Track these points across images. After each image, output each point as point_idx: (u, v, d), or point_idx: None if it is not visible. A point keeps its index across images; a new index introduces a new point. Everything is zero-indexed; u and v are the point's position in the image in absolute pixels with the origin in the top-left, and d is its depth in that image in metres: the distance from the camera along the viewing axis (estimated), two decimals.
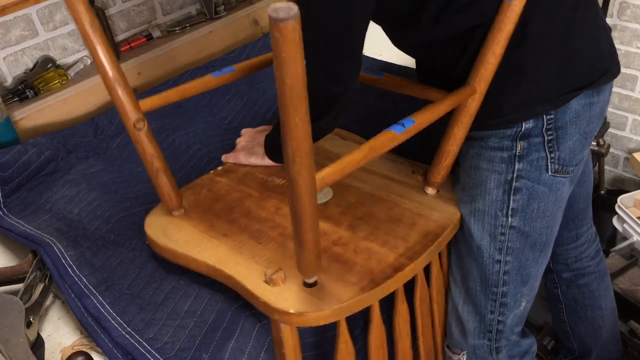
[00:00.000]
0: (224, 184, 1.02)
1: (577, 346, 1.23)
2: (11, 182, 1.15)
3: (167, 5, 1.62)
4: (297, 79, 0.50)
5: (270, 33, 0.48)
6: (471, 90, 0.80)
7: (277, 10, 0.47)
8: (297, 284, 0.78)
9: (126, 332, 0.83)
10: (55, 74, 1.38)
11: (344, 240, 0.86)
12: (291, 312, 0.74)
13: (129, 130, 0.82)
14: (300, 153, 0.57)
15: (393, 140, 0.74)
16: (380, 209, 0.92)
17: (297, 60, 0.49)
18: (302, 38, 0.47)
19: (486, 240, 0.89)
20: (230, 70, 0.96)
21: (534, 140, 0.82)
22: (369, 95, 1.35)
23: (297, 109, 0.52)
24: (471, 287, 0.93)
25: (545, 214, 0.87)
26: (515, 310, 0.93)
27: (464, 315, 0.96)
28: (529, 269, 0.91)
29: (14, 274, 0.97)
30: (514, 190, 0.85)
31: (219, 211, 0.95)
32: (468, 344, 0.97)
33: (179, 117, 1.37)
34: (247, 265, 0.82)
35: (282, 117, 0.52)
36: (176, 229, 0.92)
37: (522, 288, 0.92)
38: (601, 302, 1.18)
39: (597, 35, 0.83)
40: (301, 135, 0.54)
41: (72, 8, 0.72)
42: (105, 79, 0.78)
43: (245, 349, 0.80)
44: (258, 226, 0.90)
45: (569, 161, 0.84)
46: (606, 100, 0.86)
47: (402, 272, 0.80)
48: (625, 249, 1.59)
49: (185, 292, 0.89)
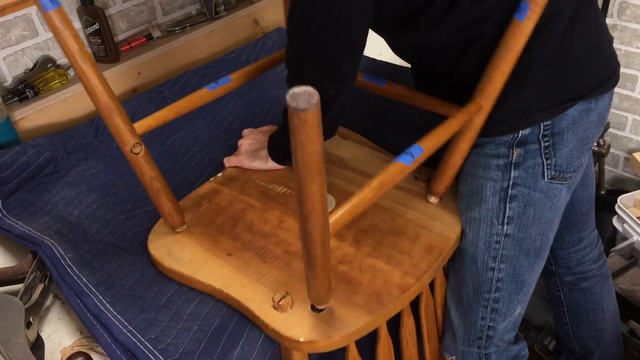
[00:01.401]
0: (225, 193, 1.01)
1: (579, 348, 1.23)
2: (10, 183, 1.15)
3: (167, 5, 1.62)
4: (315, 156, 0.51)
5: (289, 118, 0.49)
6: (477, 108, 0.79)
7: (297, 99, 0.47)
8: (305, 309, 0.78)
9: (127, 330, 0.82)
10: (55, 74, 1.37)
11: (349, 258, 0.86)
12: (301, 341, 0.74)
13: (126, 155, 0.81)
14: (316, 214, 0.58)
15: (402, 172, 0.73)
16: (383, 220, 0.92)
17: (316, 141, 0.50)
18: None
19: (481, 248, 0.88)
20: (227, 82, 0.95)
21: (530, 147, 0.81)
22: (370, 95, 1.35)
23: (315, 180, 0.54)
24: (463, 294, 0.92)
25: (540, 220, 0.86)
26: (510, 317, 0.93)
27: (454, 320, 0.95)
28: (523, 276, 0.90)
29: (14, 274, 0.97)
30: (510, 198, 0.84)
31: (222, 225, 0.94)
32: (457, 349, 0.96)
33: (179, 118, 1.36)
34: (253, 288, 0.82)
35: (298, 184, 0.55)
36: (179, 247, 0.91)
37: (517, 295, 0.91)
38: (603, 305, 1.18)
39: (598, 44, 0.82)
40: (317, 200, 0.56)
41: (59, 36, 0.70)
42: (99, 107, 0.76)
43: (250, 356, 0.80)
44: (262, 242, 0.90)
45: (566, 168, 0.83)
46: (605, 107, 0.85)
47: (408, 292, 0.81)
48: (625, 249, 1.59)
49: (188, 296, 0.88)
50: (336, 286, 0.80)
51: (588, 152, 0.88)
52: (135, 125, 0.82)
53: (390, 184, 0.72)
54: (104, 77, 0.75)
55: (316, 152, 0.51)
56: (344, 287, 0.81)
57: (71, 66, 1.42)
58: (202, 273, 0.86)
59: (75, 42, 0.71)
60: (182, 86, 1.46)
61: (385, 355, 0.86)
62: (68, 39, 0.70)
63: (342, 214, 0.67)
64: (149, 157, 0.84)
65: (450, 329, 0.97)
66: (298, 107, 0.47)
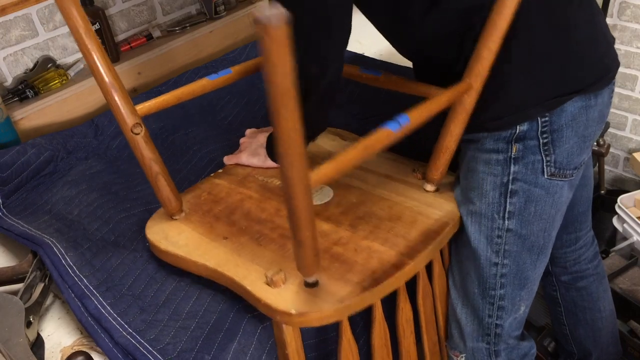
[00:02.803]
0: (224, 186, 1.02)
1: (577, 349, 1.23)
2: (10, 182, 1.15)
3: (167, 5, 1.62)
4: (286, 77, 0.51)
5: (259, 38, 0.48)
6: (466, 86, 0.79)
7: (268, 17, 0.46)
8: (298, 285, 0.77)
9: (127, 332, 0.83)
10: (55, 74, 1.37)
11: (344, 240, 0.86)
12: (293, 313, 0.73)
13: (126, 135, 0.82)
14: (291, 146, 0.56)
15: (388, 138, 0.72)
16: (380, 208, 0.92)
17: (286, 62, 0.49)
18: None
19: (483, 242, 0.88)
20: (227, 73, 0.96)
21: (529, 143, 0.82)
22: (372, 95, 1.35)
23: (287, 106, 0.53)
24: (469, 290, 0.93)
25: (542, 217, 0.86)
26: (515, 314, 0.93)
27: (462, 318, 0.95)
28: (526, 273, 0.90)
29: (14, 274, 0.97)
30: (510, 193, 0.84)
31: (219, 213, 0.95)
32: (467, 346, 0.97)
33: (179, 118, 1.37)
34: (247, 267, 0.82)
35: (272, 113, 0.53)
36: (176, 232, 0.91)
37: (521, 292, 0.92)
38: (600, 304, 1.18)
39: (592, 39, 0.82)
40: (291, 128, 0.54)
41: (66, 14, 0.72)
42: (102, 85, 0.77)
43: (248, 350, 0.80)
44: (258, 227, 0.90)
45: (567, 164, 0.83)
46: (606, 104, 0.85)
47: (403, 270, 0.80)
48: (625, 249, 1.59)
49: (186, 293, 0.89)
50: (330, 265, 0.80)
51: (589, 150, 0.88)
52: (137, 107, 0.82)
53: (375, 147, 0.71)
54: (107, 57, 0.77)
55: (286, 73, 0.50)
56: (338, 266, 0.80)
57: (71, 66, 1.43)
58: (196, 254, 0.86)
59: (82, 21, 0.72)
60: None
61: (380, 341, 0.86)
62: (75, 18, 0.72)
63: (326, 168, 0.66)
64: (149, 139, 0.84)
65: (458, 327, 0.97)
66: (269, 22, 0.46)
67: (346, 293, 0.76)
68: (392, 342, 0.89)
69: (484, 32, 0.75)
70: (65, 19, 0.73)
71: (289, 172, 0.59)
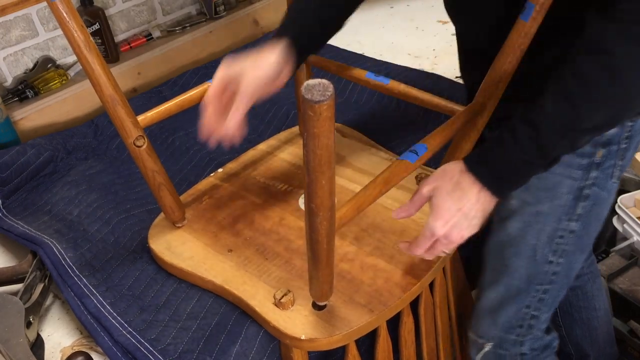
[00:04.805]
0: (225, 189, 1.01)
1: (574, 351, 1.23)
2: (10, 183, 1.15)
3: (167, 5, 1.62)
4: (327, 150, 0.52)
5: (302, 110, 0.49)
6: (480, 107, 0.79)
7: (311, 91, 0.47)
8: (306, 307, 0.78)
9: (127, 332, 0.83)
10: (55, 74, 1.37)
11: (350, 256, 0.86)
12: (302, 339, 0.74)
13: (128, 147, 0.81)
14: (324, 208, 0.58)
15: (407, 170, 0.72)
16: (384, 220, 0.92)
17: (329, 135, 0.50)
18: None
19: (543, 241, 0.87)
20: None
21: (612, 148, 0.81)
22: (371, 95, 1.35)
23: (325, 174, 0.54)
24: (512, 284, 0.92)
25: (599, 218, 0.87)
26: (552, 309, 0.94)
27: (497, 309, 0.95)
28: (574, 271, 0.91)
29: (14, 274, 0.97)
30: (584, 197, 0.84)
31: (222, 221, 0.94)
32: (497, 336, 0.97)
33: (179, 118, 1.36)
34: (254, 285, 0.82)
35: (308, 178, 0.55)
36: (180, 242, 0.91)
37: (564, 290, 0.92)
38: (595, 302, 1.18)
39: None
40: (326, 194, 0.56)
41: (65, 28, 0.70)
42: (103, 98, 0.76)
43: (249, 354, 0.80)
44: (263, 239, 0.90)
45: (625, 168, 0.84)
46: None
47: (409, 292, 0.81)
48: (625, 249, 1.59)
49: (187, 294, 0.88)
50: (337, 284, 0.80)
51: None
52: (139, 118, 0.82)
53: (394, 181, 0.71)
54: (108, 68, 0.75)
55: (328, 145, 0.51)
56: (345, 286, 0.81)
57: (71, 66, 1.42)
58: (203, 269, 0.86)
59: (81, 33, 0.71)
60: (182, 86, 1.46)
61: (384, 354, 0.86)
62: (74, 29, 0.70)
63: (347, 210, 0.67)
64: (152, 150, 0.84)
65: (489, 316, 0.96)
66: (313, 100, 0.46)
67: (354, 318, 0.76)
68: (393, 350, 0.89)
69: (500, 54, 0.73)
70: (64, 32, 0.71)
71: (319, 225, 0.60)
